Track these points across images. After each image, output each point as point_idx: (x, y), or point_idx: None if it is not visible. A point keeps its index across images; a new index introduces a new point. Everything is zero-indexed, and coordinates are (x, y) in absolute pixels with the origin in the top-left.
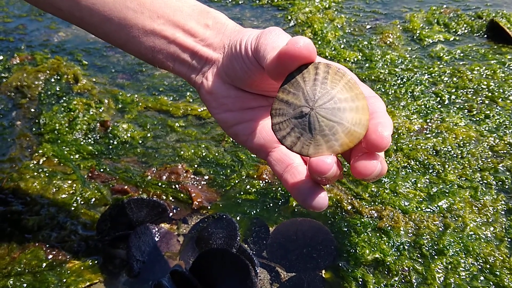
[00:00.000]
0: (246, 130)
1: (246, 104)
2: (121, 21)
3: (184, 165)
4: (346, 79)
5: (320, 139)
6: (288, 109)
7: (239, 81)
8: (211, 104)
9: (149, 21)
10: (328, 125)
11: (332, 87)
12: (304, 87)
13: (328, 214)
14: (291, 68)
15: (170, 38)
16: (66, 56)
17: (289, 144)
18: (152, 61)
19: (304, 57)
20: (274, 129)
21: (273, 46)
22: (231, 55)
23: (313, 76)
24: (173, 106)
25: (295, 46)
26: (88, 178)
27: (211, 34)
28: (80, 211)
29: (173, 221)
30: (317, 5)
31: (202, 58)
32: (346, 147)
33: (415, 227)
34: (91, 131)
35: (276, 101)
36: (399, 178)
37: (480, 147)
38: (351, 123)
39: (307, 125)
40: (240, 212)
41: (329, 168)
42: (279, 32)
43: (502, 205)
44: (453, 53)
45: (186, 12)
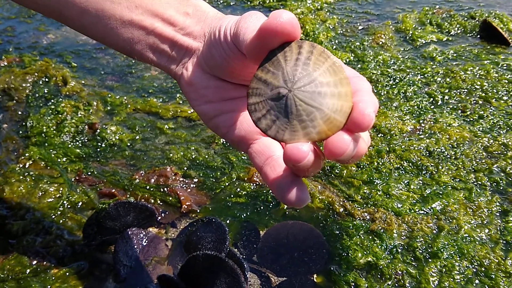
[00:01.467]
0: (227, 122)
1: (226, 95)
2: (98, 12)
3: (173, 168)
4: (331, 62)
5: (296, 125)
6: (266, 89)
7: (219, 69)
8: (191, 96)
9: (127, 11)
10: (306, 110)
11: (314, 69)
12: (285, 66)
13: (320, 217)
14: (272, 45)
15: (148, 28)
16: (55, 58)
17: (263, 127)
18: (131, 53)
19: (287, 32)
20: (249, 109)
21: (254, 29)
22: (210, 43)
23: (295, 55)
24: (162, 108)
25: (277, 20)
26: (75, 181)
27: (191, 22)
28: (66, 216)
29: (161, 225)
30: (309, 6)
31: (182, 48)
32: (324, 136)
33: (408, 229)
34: (79, 134)
35: (254, 80)
36: (391, 179)
37: (474, 147)
38: (332, 109)
39: (284, 108)
40: (230, 215)
41: (304, 156)
42: (260, 16)
43: (496, 206)
44: (446, 53)
45: (165, 1)
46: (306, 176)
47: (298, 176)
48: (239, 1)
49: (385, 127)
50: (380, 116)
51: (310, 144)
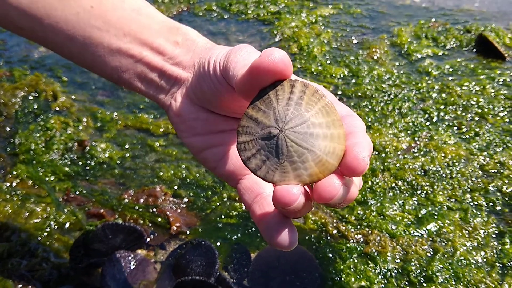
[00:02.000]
0: (216, 156)
1: (216, 127)
2: (85, 40)
3: (163, 187)
4: (324, 102)
5: (287, 166)
6: (256, 127)
7: (208, 102)
8: (179, 127)
9: (115, 40)
10: (298, 151)
11: (306, 109)
12: (276, 105)
13: (313, 239)
14: (263, 83)
15: (137, 56)
16: (45, 72)
17: (253, 167)
18: (119, 82)
19: (279, 71)
20: (238, 148)
21: (244, 64)
22: (199, 75)
23: (287, 94)
24: (153, 124)
25: (269, 59)
26: (63, 201)
27: (180, 52)
28: (53, 237)
29: (150, 247)
30: (303, 20)
31: (171, 78)
32: (316, 178)
33: (403, 252)
34: (68, 151)
35: (244, 118)
36: (386, 199)
37: (469, 166)
38: (324, 151)
39: (274, 148)
40: (221, 237)
41: (294, 200)
42: (250, 49)
43: (493, 228)
44: (441, 68)
45: (155, 29)
46: (296, 218)
47: (288, 217)
48: (233, 14)
49: (380, 145)
50: (375, 134)
51: (300, 186)
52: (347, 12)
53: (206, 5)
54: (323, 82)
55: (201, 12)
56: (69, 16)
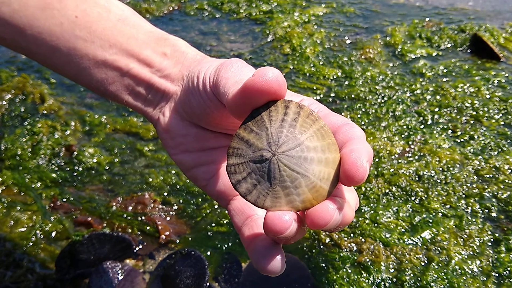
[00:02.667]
0: (206, 174)
1: (206, 144)
2: (70, 51)
3: (152, 194)
4: (319, 125)
5: (279, 191)
6: (248, 150)
7: (197, 118)
8: (168, 144)
9: (101, 51)
10: (291, 176)
11: (301, 132)
12: (269, 127)
13: (305, 248)
14: (256, 104)
15: (123, 69)
16: (33, 74)
17: (243, 191)
18: (105, 94)
19: (273, 91)
20: (228, 170)
21: (235, 81)
22: (188, 90)
23: (281, 115)
24: (143, 128)
25: (263, 78)
26: (50, 208)
27: (168, 63)
28: (39, 246)
29: (138, 257)
30: (296, 19)
31: (159, 91)
32: (309, 205)
33: (397, 261)
34: (55, 156)
35: (235, 139)
36: (379, 206)
37: (464, 171)
38: (318, 177)
39: (266, 172)
40: (211, 246)
41: (286, 227)
42: (241, 64)
43: (488, 235)
44: (436, 69)
45: (142, 40)
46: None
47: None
48: (225, 13)
49: (374, 149)
50: (368, 137)
51: (293, 212)
52: (340, 11)
53: (198, 4)
54: (316, 83)
55: (192, 11)
56: (52, 27)
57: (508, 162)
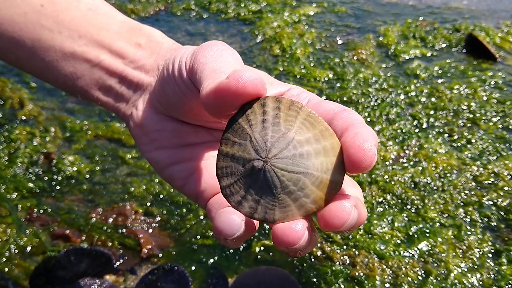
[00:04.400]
0: (184, 172)
1: (184, 140)
2: (34, 43)
3: (134, 205)
4: (305, 113)
5: (285, 199)
6: (237, 165)
7: (174, 109)
8: (141, 140)
9: (69, 42)
10: (292, 179)
11: (287, 127)
12: (252, 133)
13: (295, 261)
14: (232, 108)
15: (93, 61)
16: (12, 77)
17: (248, 212)
18: (73, 91)
19: (249, 95)
20: (224, 194)
21: (213, 68)
22: (163, 78)
23: (260, 116)
24: (125, 134)
25: (238, 82)
26: (26, 221)
27: (143, 54)
28: (12, 262)
29: (119, 272)
30: (286, 19)
31: (131, 84)
32: (322, 203)
33: (392, 275)
34: (33, 165)
35: (219, 158)
36: (373, 216)
37: (462, 177)
38: (321, 170)
39: (265, 183)
40: (196, 260)
41: (299, 237)
42: (222, 47)
43: (488, 246)
44: (430, 70)
45: (114, 30)
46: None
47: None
48: (213, 13)
49: None
50: None
51: (304, 221)
52: (332, 11)
53: (185, 4)
54: (307, 86)
55: (179, 12)
56: (15, 17)
57: (507, 168)
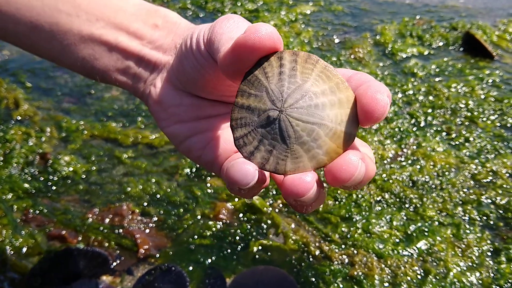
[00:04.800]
0: (201, 143)
1: (201, 113)
2: (52, 27)
3: (130, 205)
4: (321, 66)
5: (298, 150)
6: (252, 116)
7: (192, 84)
8: (160, 116)
9: (87, 25)
10: (306, 129)
11: (303, 79)
12: (268, 84)
13: (294, 261)
14: (250, 63)
15: (112, 43)
16: (8, 77)
17: (259, 162)
18: (91, 73)
19: (267, 49)
20: (237, 144)
21: (230, 37)
22: (181, 54)
23: (277, 69)
24: (122, 133)
25: (255, 35)
26: (21, 222)
27: (160, 34)
28: (8, 263)
29: (116, 273)
30: (282, 18)
31: (149, 64)
32: (335, 155)
33: (391, 274)
34: (28, 165)
35: (235, 109)
36: (372, 215)
37: (460, 176)
38: (336, 122)
39: (279, 133)
40: (193, 260)
41: (308, 189)
42: (238, 19)
43: (487, 245)
44: (428, 68)
45: (130, 12)
46: (307, 212)
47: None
48: (209, 12)
49: None
50: None
51: (314, 173)
52: (328, 9)
53: (181, 3)
54: None
55: (175, 11)
56: (32, 2)
57: (505, 166)
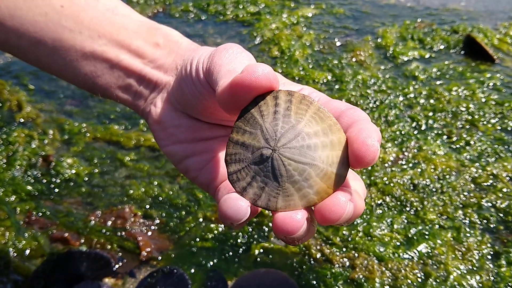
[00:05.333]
0: (199, 164)
1: (199, 135)
2: (55, 43)
3: (133, 208)
4: (315, 108)
5: (289, 188)
6: (246, 153)
7: (190, 108)
8: (160, 135)
9: (89, 42)
10: (298, 169)
11: (297, 120)
12: (263, 123)
13: (295, 264)
14: (246, 101)
15: (113, 60)
16: (11, 80)
17: (252, 197)
18: (93, 89)
19: (263, 88)
20: (230, 180)
21: (228, 69)
22: (181, 78)
23: (272, 108)
24: (124, 136)
25: (252, 76)
26: (24, 224)
27: (162, 54)
28: (11, 265)
29: (118, 275)
30: (284, 21)
31: (150, 83)
32: (325, 195)
33: (392, 277)
34: (31, 168)
35: (229, 144)
36: (373, 218)
37: (461, 179)
38: (327, 163)
39: (271, 171)
40: (195, 263)
41: (298, 227)
42: (237, 50)
43: (488, 248)
44: (429, 71)
45: (132, 30)
46: (297, 244)
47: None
48: (211, 15)
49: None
50: None
51: (304, 211)
52: (330, 12)
53: (183, 6)
54: None
55: (177, 13)
56: (36, 17)
57: (506, 169)
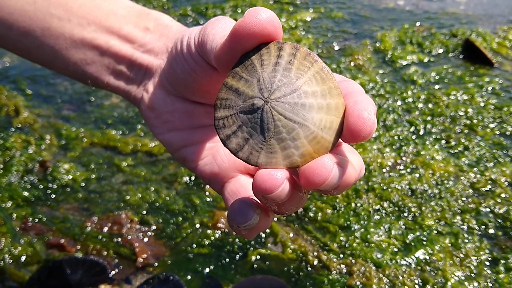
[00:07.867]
0: (196, 155)
1: (196, 121)
2: (44, 32)
3: (129, 214)
4: (318, 67)
5: (274, 144)
6: (237, 99)
7: (184, 88)
8: (153, 123)
9: (78, 29)
10: (287, 126)
11: (297, 75)
12: (261, 72)
13: (292, 270)
14: (247, 49)
15: (103, 47)
16: (8, 84)
17: (233, 147)
18: (83, 78)
19: (266, 33)
20: (216, 125)
21: (223, 35)
22: (172, 58)
23: (274, 59)
24: (121, 141)
25: (255, 19)
26: (20, 230)
27: (152, 38)
28: (7, 272)
29: (114, 282)
30: (283, 25)
31: (141, 67)
32: (310, 159)
33: (389, 284)
34: (28, 173)
35: (223, 88)
36: (370, 224)
37: (459, 184)
38: (319, 126)
39: (259, 124)
40: (191, 269)
41: (276, 185)
42: (230, 21)
43: (486, 254)
44: (427, 75)
45: (122, 15)
46: (283, 213)
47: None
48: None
49: (364, 162)
50: (358, 149)
51: (285, 170)
52: (329, 16)
53: (181, 10)
54: None
55: (175, 18)
56: (25, 6)
57: (504, 174)
